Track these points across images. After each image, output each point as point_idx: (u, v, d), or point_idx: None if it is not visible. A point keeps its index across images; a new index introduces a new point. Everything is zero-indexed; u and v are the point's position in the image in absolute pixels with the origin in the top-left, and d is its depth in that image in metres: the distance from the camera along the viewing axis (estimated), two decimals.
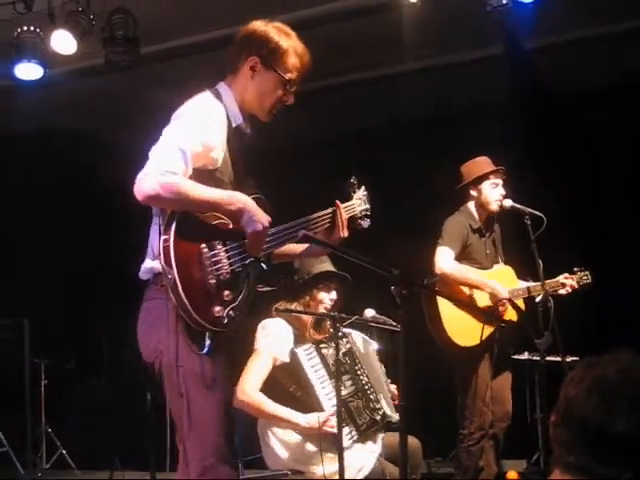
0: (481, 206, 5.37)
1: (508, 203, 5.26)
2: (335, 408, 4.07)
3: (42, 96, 6.39)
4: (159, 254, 2.81)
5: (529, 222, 5.08)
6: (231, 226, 2.99)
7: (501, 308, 5.15)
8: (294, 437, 4.25)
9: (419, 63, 7.08)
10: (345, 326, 4.40)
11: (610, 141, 7.29)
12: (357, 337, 4.65)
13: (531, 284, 5.20)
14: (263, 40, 3.17)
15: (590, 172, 7.45)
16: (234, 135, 3.13)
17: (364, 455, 4.25)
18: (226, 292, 2.92)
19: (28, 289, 7.98)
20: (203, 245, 2.89)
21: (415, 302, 4.82)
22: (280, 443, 4.28)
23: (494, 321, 5.10)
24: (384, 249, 4.83)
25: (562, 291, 5.21)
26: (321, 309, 4.45)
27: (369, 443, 4.35)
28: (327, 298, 4.48)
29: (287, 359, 4.29)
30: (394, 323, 4.30)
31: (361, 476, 4.17)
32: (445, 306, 5.17)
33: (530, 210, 5.12)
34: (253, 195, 3.10)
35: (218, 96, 3.14)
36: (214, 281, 2.88)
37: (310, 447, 4.20)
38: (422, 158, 7.50)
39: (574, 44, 6.68)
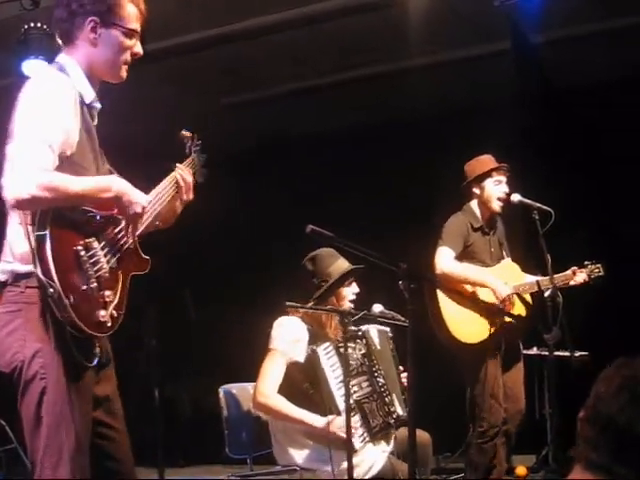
0: (483, 204, 5.37)
1: (516, 198, 5.25)
2: (352, 409, 4.07)
3: None
4: (34, 264, 2.59)
5: (537, 217, 5.07)
6: (99, 217, 2.78)
7: (507, 305, 5.13)
8: (305, 435, 4.24)
9: (425, 59, 7.07)
10: (354, 322, 4.40)
11: (617, 136, 7.26)
12: (373, 331, 4.64)
13: (540, 277, 5.18)
14: None
15: (598, 167, 7.44)
16: (86, 112, 2.88)
17: (375, 454, 4.24)
18: (107, 292, 2.75)
19: None
20: (80, 247, 2.67)
21: (420, 298, 4.82)
22: (291, 440, 4.27)
23: (502, 316, 5.09)
24: (388, 247, 4.81)
25: (572, 282, 5.18)
26: (346, 304, 4.47)
27: (382, 443, 4.35)
28: (350, 292, 4.51)
29: (301, 359, 4.27)
30: (402, 318, 4.29)
31: (370, 474, 4.17)
32: (447, 304, 5.16)
33: (538, 205, 5.12)
34: (114, 175, 2.94)
35: (63, 70, 2.88)
36: (95, 284, 2.69)
37: (320, 446, 4.19)
38: (427, 155, 7.50)
39: (581, 38, 6.66)
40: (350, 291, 4.51)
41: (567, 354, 5.14)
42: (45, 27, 5.70)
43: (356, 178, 8.09)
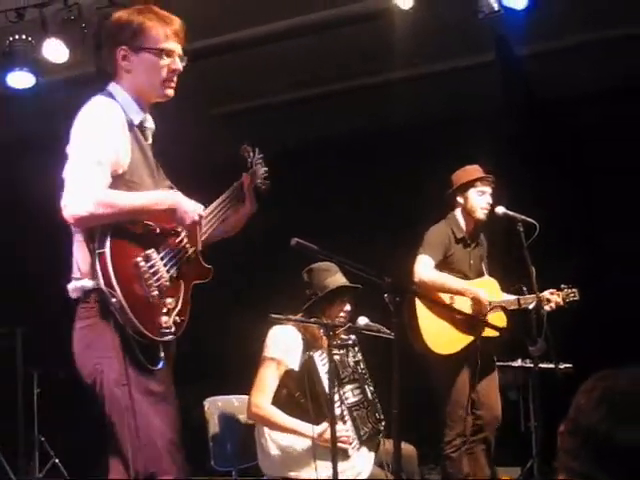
0: (467, 214, 5.36)
1: (501, 210, 5.23)
2: (343, 416, 4.12)
3: (34, 104, 6.38)
4: (96, 276, 2.77)
5: (522, 229, 5.07)
6: (158, 230, 2.97)
7: (485, 315, 5.13)
8: (291, 442, 4.24)
9: (411, 70, 7.09)
10: (342, 334, 4.41)
11: (602, 146, 7.30)
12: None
13: (521, 296, 5.17)
14: (119, 27, 3.07)
15: (582, 178, 7.48)
16: (137, 133, 3.07)
17: (362, 461, 4.24)
18: (168, 300, 2.93)
19: (22, 297, 7.93)
20: (139, 258, 2.86)
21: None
22: (276, 447, 4.27)
23: (482, 326, 5.08)
24: (372, 256, 4.81)
25: (547, 307, 5.15)
26: (336, 320, 4.43)
27: (367, 450, 4.34)
28: (342, 311, 4.50)
29: (295, 367, 4.29)
30: (387, 331, 4.29)
31: None
32: (423, 314, 5.16)
33: (523, 217, 5.11)
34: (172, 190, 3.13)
35: (112, 97, 3.06)
36: (156, 292, 2.87)
37: (306, 452, 4.20)
38: (413, 165, 7.51)
39: (565, 51, 6.71)
40: (342, 309, 4.49)
41: (552, 366, 5.14)
42: (30, 39, 5.70)
43: (345, 186, 8.09)
